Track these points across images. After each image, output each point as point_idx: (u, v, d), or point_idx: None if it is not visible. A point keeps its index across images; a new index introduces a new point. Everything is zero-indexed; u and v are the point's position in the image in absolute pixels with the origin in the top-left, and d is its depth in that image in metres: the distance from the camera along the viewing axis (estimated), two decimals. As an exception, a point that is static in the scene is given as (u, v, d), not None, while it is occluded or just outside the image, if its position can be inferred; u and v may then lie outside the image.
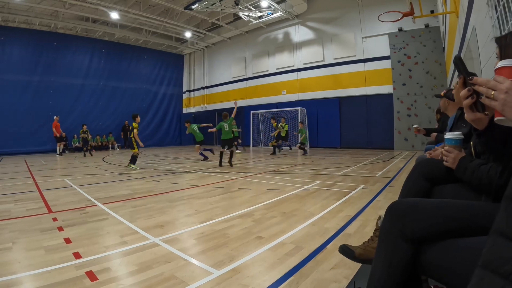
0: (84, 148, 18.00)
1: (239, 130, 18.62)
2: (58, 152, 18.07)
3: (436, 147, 4.48)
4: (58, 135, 17.85)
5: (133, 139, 10.30)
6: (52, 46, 21.31)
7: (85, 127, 18.17)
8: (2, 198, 5.81)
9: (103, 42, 24.20)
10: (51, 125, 19.08)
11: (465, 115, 1.19)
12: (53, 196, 5.92)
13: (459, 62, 1.20)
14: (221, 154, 10.83)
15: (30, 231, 3.72)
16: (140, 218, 4.31)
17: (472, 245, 1.14)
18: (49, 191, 6.51)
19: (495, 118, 1.03)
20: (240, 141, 18.83)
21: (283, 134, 17.23)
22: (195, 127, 13.21)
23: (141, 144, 10.36)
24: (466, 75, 1.14)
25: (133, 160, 10.38)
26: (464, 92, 1.14)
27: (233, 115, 10.88)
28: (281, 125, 17.06)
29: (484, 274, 0.85)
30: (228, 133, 10.76)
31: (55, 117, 18.01)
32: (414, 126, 5.77)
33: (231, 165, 10.41)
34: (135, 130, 10.17)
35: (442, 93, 5.45)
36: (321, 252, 2.93)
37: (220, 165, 10.59)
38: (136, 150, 10.38)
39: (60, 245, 3.23)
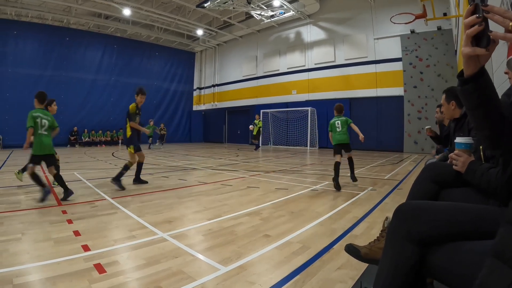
0: None
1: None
2: None
3: (445, 150, 4.46)
4: None
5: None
6: (64, 41, 21.51)
7: None
8: (13, 190, 5.90)
9: (115, 38, 24.37)
10: (62, 119, 19.26)
11: (462, 49, 1.04)
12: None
13: None
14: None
15: (40, 223, 3.78)
16: (149, 213, 4.34)
17: (479, 248, 1.14)
18: (59, 184, 6.57)
19: (510, 57, 0.94)
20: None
21: (255, 132, 17.77)
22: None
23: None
24: (481, 1, 0.97)
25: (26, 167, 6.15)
26: (471, 18, 0.99)
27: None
28: (254, 123, 17.37)
29: (495, 264, 0.85)
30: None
31: None
32: (427, 127, 5.77)
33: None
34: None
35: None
36: (327, 252, 2.93)
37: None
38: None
39: (69, 237, 3.27)
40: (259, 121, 18.32)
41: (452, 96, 3.22)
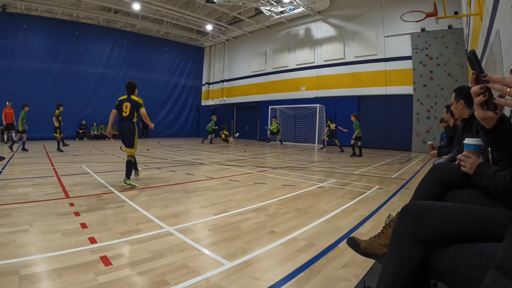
0: None
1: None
2: (5, 141, 15.93)
3: (453, 151, 4.42)
4: (5, 123, 15.00)
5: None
6: (74, 35, 21.61)
7: None
8: (21, 182, 5.95)
9: (124, 33, 24.43)
10: (71, 113, 19.39)
11: (475, 112, 1.13)
12: (71, 182, 6.03)
13: (473, 57, 1.12)
14: None
15: (47, 214, 3.81)
16: (156, 207, 4.36)
17: (485, 250, 1.13)
18: (67, 176, 6.64)
19: None
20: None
21: (275, 130, 19.77)
22: None
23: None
24: (479, 71, 1.07)
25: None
26: (476, 89, 1.07)
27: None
28: (275, 122, 19.78)
29: (497, 276, 0.84)
30: None
31: (7, 103, 15.03)
32: (429, 142, 5.76)
33: None
34: None
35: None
36: (332, 250, 2.93)
37: None
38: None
39: (76, 229, 3.30)
40: (276, 122, 19.98)
41: (461, 95, 3.18)
